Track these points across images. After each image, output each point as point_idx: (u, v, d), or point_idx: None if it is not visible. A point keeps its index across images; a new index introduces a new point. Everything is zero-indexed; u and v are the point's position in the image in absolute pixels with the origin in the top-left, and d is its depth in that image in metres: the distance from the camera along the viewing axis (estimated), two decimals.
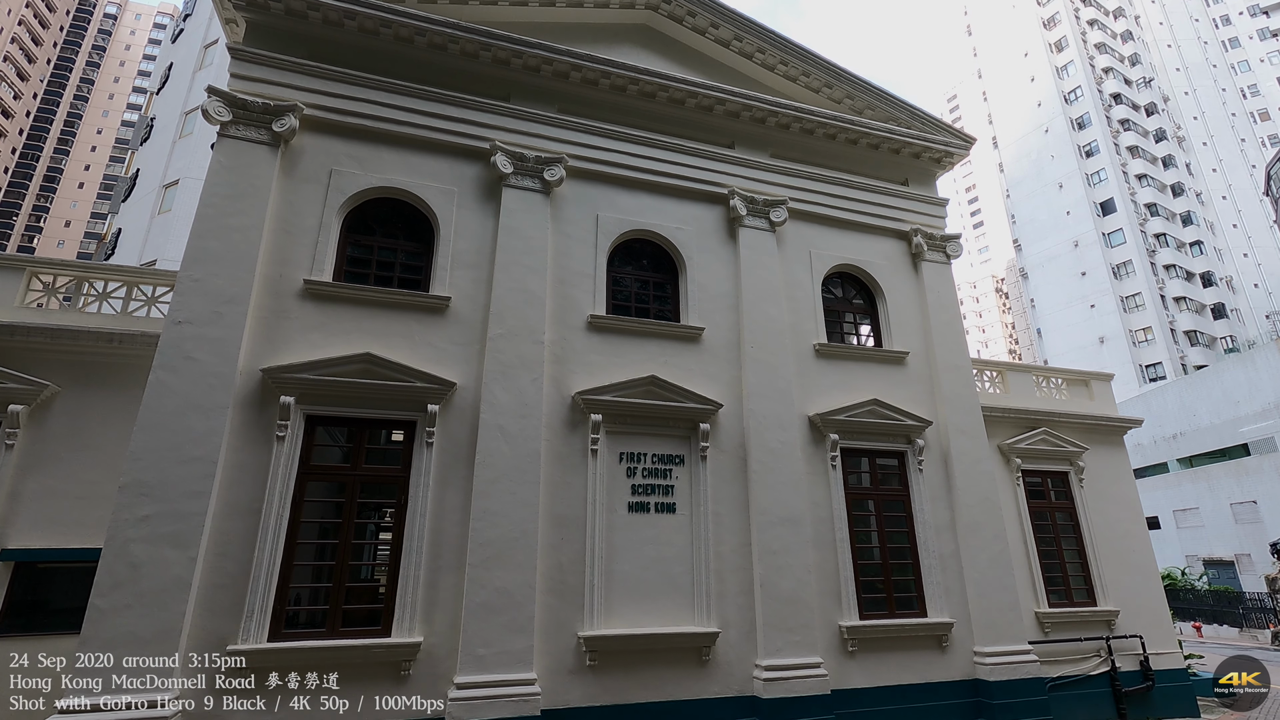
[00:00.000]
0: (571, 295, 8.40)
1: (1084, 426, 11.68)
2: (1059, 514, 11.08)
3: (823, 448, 8.88)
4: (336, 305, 7.41)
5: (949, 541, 9.06)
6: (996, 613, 8.79)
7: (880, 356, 9.78)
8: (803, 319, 9.49)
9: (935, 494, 9.25)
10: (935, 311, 10.23)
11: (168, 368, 6.48)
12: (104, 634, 5.63)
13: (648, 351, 8.46)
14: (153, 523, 6.00)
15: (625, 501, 7.79)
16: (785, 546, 8.03)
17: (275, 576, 6.36)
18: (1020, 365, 12.30)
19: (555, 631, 7.02)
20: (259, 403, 6.82)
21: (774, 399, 8.68)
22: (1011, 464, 10.85)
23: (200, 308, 6.74)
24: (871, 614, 8.39)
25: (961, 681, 8.45)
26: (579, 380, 8.02)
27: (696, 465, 8.15)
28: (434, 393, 7.29)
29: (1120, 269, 48.54)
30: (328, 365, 6.99)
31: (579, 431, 7.84)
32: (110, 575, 5.79)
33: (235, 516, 6.41)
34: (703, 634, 7.42)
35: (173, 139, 23.52)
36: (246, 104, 7.50)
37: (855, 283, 10.42)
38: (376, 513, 7.35)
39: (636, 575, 7.53)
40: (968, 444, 9.55)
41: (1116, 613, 10.50)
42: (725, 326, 9.00)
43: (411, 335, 7.58)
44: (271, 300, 7.20)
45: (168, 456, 6.21)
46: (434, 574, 6.82)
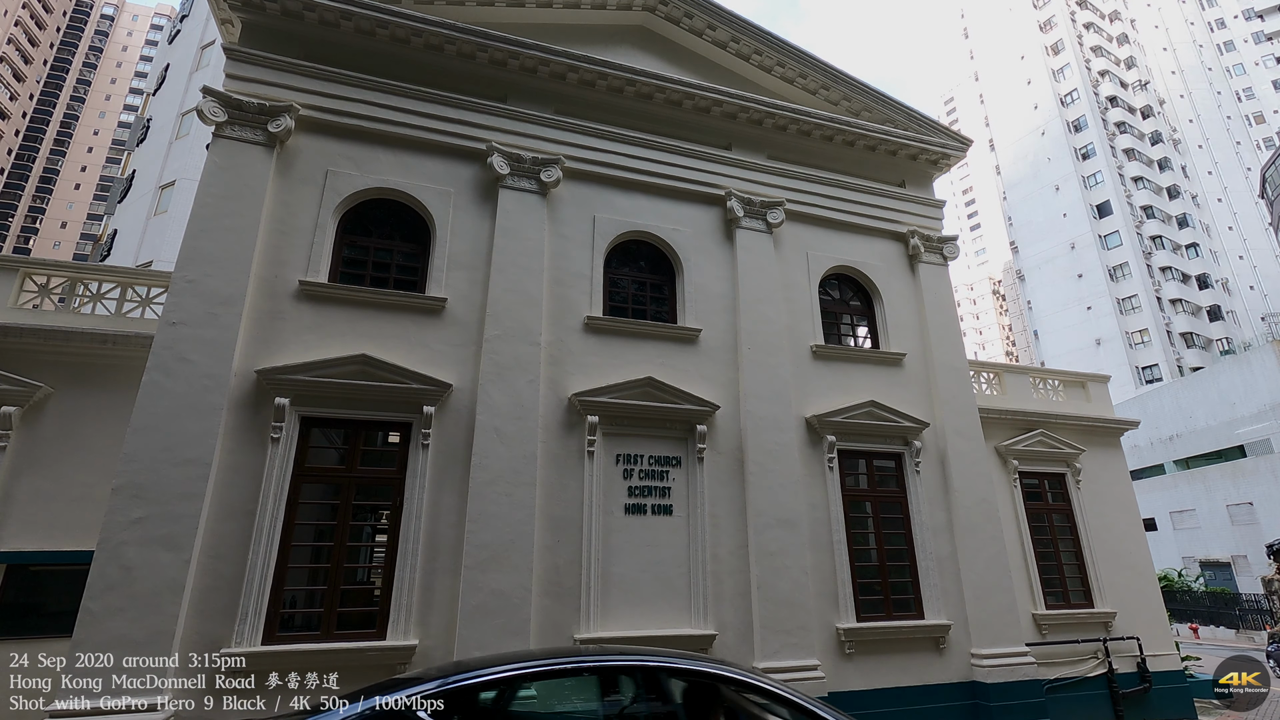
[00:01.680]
0: (568, 296, 8.38)
1: (1081, 428, 11.69)
2: (1056, 515, 11.09)
3: (820, 449, 8.87)
4: (332, 306, 7.38)
5: (946, 543, 9.05)
6: (994, 614, 8.78)
7: (877, 358, 9.78)
8: (800, 320, 9.49)
9: (932, 496, 9.24)
10: (932, 313, 10.24)
11: (162, 369, 6.45)
12: (97, 637, 5.59)
13: (645, 353, 8.44)
14: (146, 525, 5.96)
15: (622, 503, 7.77)
16: (782, 548, 8.01)
17: (269, 579, 6.32)
18: (1017, 367, 12.31)
19: (551, 634, 6.99)
20: (253, 404, 6.79)
21: (771, 400, 8.67)
22: (1008, 465, 10.85)
23: (195, 309, 6.71)
24: (869, 616, 8.37)
25: (959, 684, 8.43)
26: (576, 382, 8.00)
27: (693, 467, 8.13)
28: (429, 394, 7.26)
29: (1116, 271, 48.69)
30: (322, 367, 6.96)
31: (576, 433, 7.82)
32: (103, 578, 5.75)
33: (229, 518, 6.38)
34: (699, 636, 7.39)
35: (169, 140, 23.47)
36: (242, 104, 7.48)
37: (852, 284, 10.41)
38: (372, 515, 7.32)
39: (633, 577, 7.50)
40: (965, 445, 9.54)
41: (1114, 614, 10.50)
42: (722, 328, 8.99)
43: (407, 337, 7.55)
44: (267, 301, 7.16)
45: (161, 458, 6.18)
46: (429, 576, 6.79)
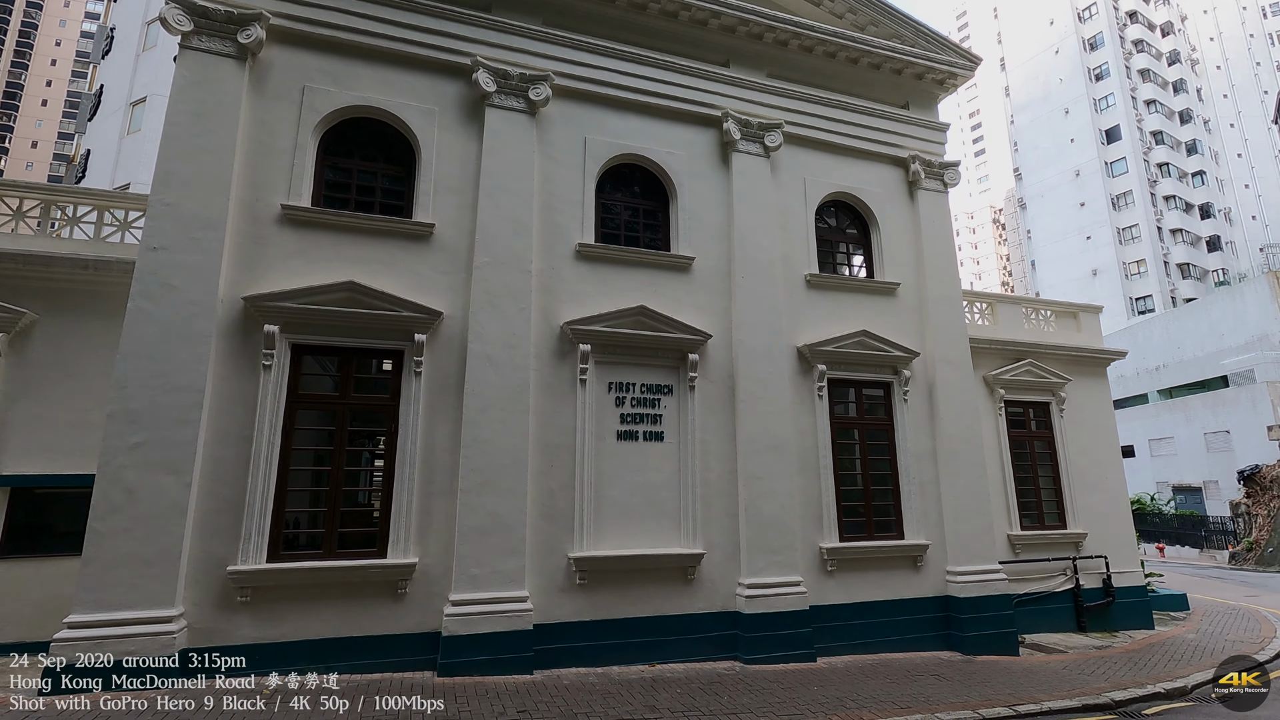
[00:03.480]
0: (559, 223, 8.20)
1: (1069, 358, 11.82)
2: (1038, 443, 11.39)
3: (810, 378, 8.96)
4: (316, 231, 7.21)
5: (929, 469, 9.32)
6: (970, 535, 9.16)
7: (871, 287, 9.72)
8: (795, 249, 9.35)
9: (918, 423, 9.43)
10: (929, 242, 10.10)
11: (146, 295, 6.36)
12: (105, 555, 5.78)
13: (637, 281, 8.36)
14: (144, 450, 6.05)
15: (614, 430, 7.91)
16: (770, 473, 8.24)
17: (270, 501, 6.49)
18: (1011, 297, 12.30)
19: (546, 553, 7.28)
20: (243, 331, 6.75)
21: (763, 330, 8.67)
22: (995, 394, 11.04)
23: (175, 233, 6.54)
24: (851, 536, 8.73)
25: (933, 598, 8.91)
26: (568, 310, 7.95)
27: (685, 395, 8.23)
28: (420, 322, 7.22)
29: (1120, 199, 47.83)
30: (310, 294, 6.87)
31: (568, 361, 7.85)
32: (106, 500, 5.89)
33: (227, 444, 6.47)
34: (688, 555, 7.72)
35: (135, 52, 22.11)
36: (208, 12, 7.01)
37: (849, 212, 10.21)
38: (369, 440, 7.44)
39: (625, 500, 7.74)
40: (953, 375, 9.66)
41: (1084, 535, 11.00)
42: (716, 256, 8.86)
43: (395, 263, 7.43)
44: (249, 226, 6.98)
45: (153, 385, 6.19)
46: (427, 499, 6.98)
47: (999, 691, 6.95)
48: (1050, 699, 6.74)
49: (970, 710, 6.25)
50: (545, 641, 6.96)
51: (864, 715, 5.97)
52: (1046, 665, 8.36)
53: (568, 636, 7.13)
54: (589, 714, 5.65)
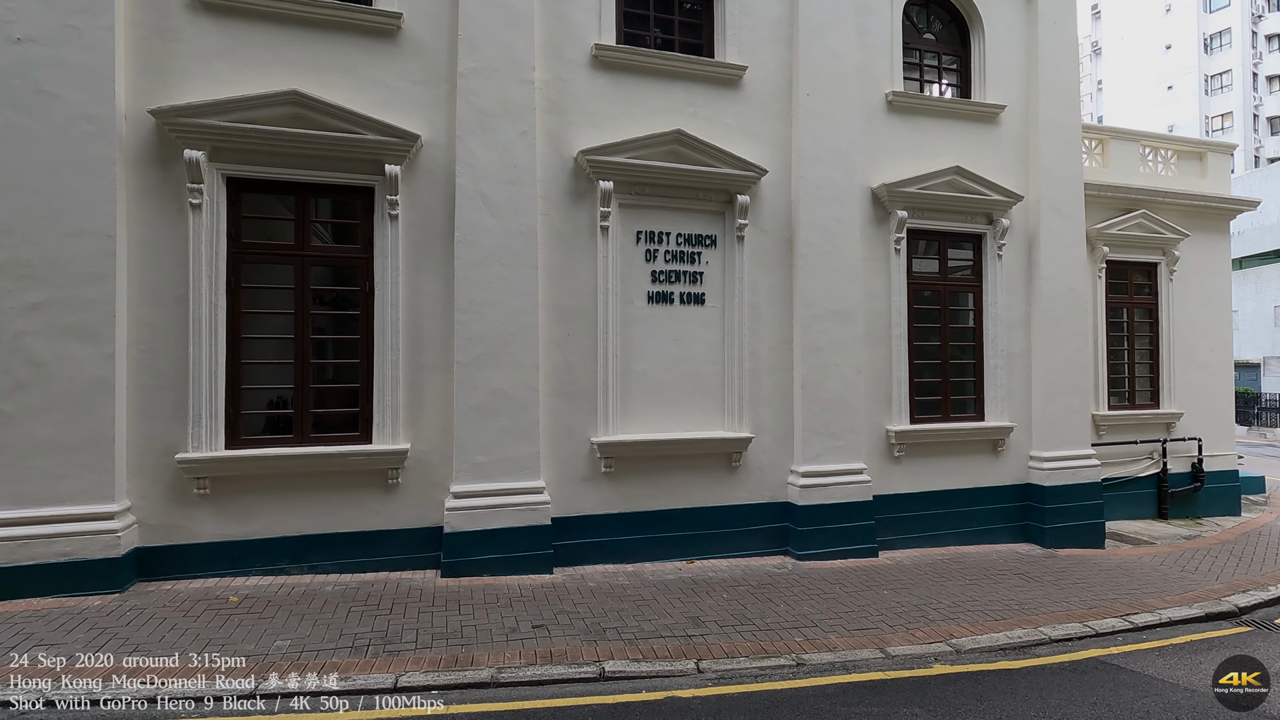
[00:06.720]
0: (569, 15, 6.17)
1: (1189, 209, 9.77)
2: (1137, 310, 9.69)
3: (886, 227, 7.21)
4: (244, 22, 5.36)
5: (1021, 339, 7.78)
6: (1061, 416, 7.80)
7: (968, 112, 7.64)
8: (874, 58, 7.21)
9: (1012, 285, 7.76)
10: (1047, 51, 7.82)
11: (17, 106, 4.74)
12: (19, 441, 4.67)
13: (673, 98, 6.44)
14: (47, 311, 4.74)
15: (644, 291, 6.39)
16: (833, 344, 6.78)
17: (221, 377, 5.24)
18: (1126, 131, 10.03)
19: (564, 437, 6.08)
20: (159, 160, 5.16)
21: (831, 164, 6.82)
22: (1097, 252, 9.18)
23: (42, 19, 4.77)
24: (923, 418, 7.40)
25: (1012, 486, 7.73)
26: (583, 136, 6.16)
27: (731, 247, 6.59)
28: (392, 149, 5.53)
29: (1213, 40, 41.67)
30: (241, 106, 5.17)
31: (585, 203, 6.18)
32: (9, 374, 4.68)
33: (156, 305, 5.12)
34: (734, 439, 6.48)
35: None
36: None
37: (945, 10, 7.86)
38: (342, 303, 6.03)
39: (658, 376, 6.40)
40: (1061, 225, 7.82)
41: (1179, 415, 9.61)
42: (774, 65, 6.81)
43: (354, 69, 5.61)
44: (148, 14, 5.16)
45: (46, 227, 4.75)
46: (415, 374, 5.70)
47: (1099, 595, 5.88)
48: (1165, 606, 5.65)
49: (1078, 623, 5.18)
50: (567, 536, 5.95)
51: (954, 630, 4.92)
52: (1139, 560, 7.29)
53: (593, 531, 6.10)
54: (620, 628, 4.66)
